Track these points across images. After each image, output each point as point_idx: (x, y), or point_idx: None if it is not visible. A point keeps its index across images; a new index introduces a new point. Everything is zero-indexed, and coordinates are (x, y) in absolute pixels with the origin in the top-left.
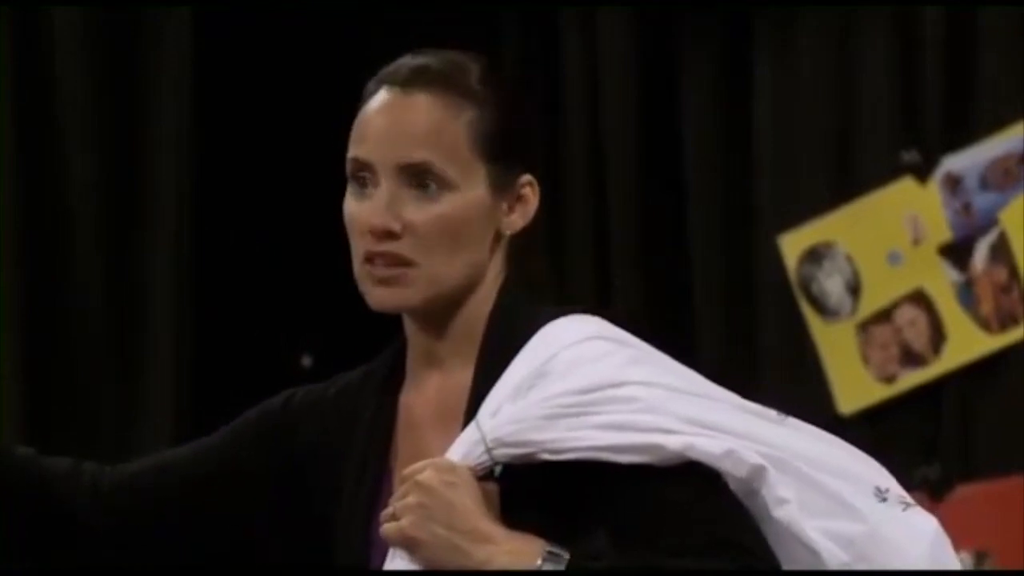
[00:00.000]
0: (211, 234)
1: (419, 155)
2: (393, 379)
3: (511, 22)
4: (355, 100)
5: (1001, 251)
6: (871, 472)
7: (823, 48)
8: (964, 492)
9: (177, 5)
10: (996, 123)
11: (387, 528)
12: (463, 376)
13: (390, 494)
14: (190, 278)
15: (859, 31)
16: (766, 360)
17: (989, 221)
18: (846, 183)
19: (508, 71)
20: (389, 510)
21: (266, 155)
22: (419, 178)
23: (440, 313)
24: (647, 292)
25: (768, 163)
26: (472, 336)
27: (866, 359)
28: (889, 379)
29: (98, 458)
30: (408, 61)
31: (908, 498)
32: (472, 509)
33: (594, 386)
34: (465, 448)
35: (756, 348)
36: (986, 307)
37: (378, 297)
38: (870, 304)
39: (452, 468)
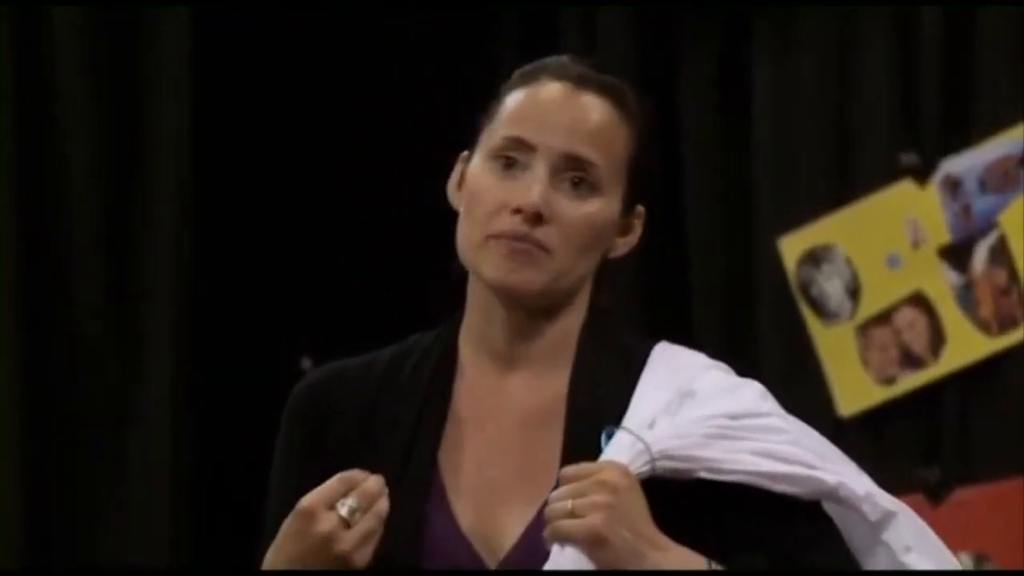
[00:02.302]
0: (211, 234)
1: (588, 152)
2: (443, 369)
3: (511, 22)
4: (354, 99)
5: (1000, 253)
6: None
7: (823, 48)
8: (963, 494)
9: (176, 5)
10: (995, 125)
11: (570, 525)
12: (555, 381)
13: (441, 485)
14: (190, 278)
15: (859, 32)
16: (765, 362)
17: (988, 223)
18: (845, 185)
19: (506, 72)
20: (564, 505)
21: (266, 155)
22: (578, 174)
23: (543, 313)
24: (647, 292)
25: (767, 165)
26: (565, 343)
27: (866, 361)
28: (889, 381)
29: (97, 457)
30: (568, 62)
31: None
32: (647, 516)
33: (742, 412)
34: (627, 456)
35: (755, 350)
36: (985, 309)
37: (503, 271)
38: (869, 306)
39: (628, 473)
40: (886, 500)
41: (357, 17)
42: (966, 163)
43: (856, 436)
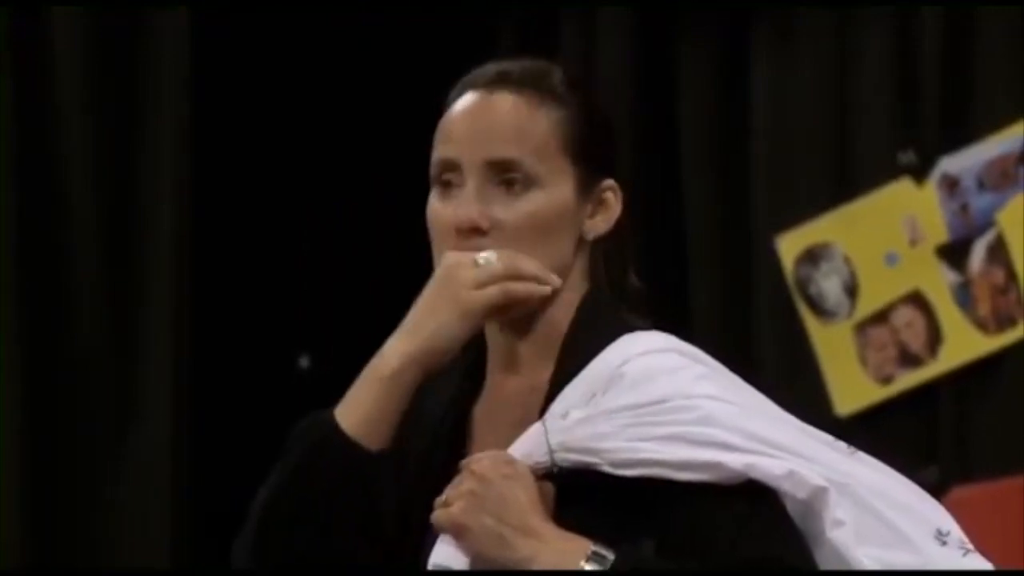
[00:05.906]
0: (211, 234)
1: (507, 151)
2: (468, 382)
3: (511, 22)
4: (353, 99)
5: (998, 252)
6: (934, 513)
7: (822, 49)
8: (961, 493)
9: (176, 5)
10: (993, 124)
11: (437, 513)
12: (542, 379)
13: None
14: (189, 278)
15: (858, 32)
16: (763, 361)
17: (986, 222)
18: (843, 184)
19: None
20: (442, 497)
21: (265, 155)
22: (506, 175)
23: (522, 314)
24: (646, 291)
25: (766, 164)
26: (553, 340)
27: (863, 360)
28: (886, 380)
29: (97, 457)
30: (491, 66)
31: (968, 544)
32: (524, 504)
33: (663, 397)
34: (529, 446)
35: (753, 349)
36: (983, 308)
37: None
38: (867, 305)
39: (510, 462)
40: (816, 477)
41: (357, 17)
42: (964, 162)
43: (853, 435)
